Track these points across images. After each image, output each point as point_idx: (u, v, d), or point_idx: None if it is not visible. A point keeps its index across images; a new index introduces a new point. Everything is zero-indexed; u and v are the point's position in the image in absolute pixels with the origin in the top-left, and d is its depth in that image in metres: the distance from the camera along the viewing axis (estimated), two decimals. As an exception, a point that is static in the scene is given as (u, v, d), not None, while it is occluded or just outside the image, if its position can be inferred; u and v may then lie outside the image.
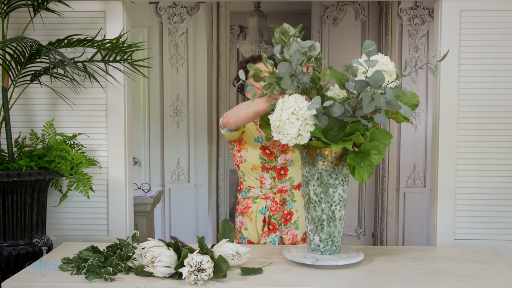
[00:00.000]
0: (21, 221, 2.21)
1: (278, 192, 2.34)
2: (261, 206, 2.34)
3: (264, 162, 2.30)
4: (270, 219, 2.31)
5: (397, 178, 4.56)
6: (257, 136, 2.33)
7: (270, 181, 2.33)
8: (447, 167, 2.42)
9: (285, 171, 2.32)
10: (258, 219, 2.33)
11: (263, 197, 2.34)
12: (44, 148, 2.34)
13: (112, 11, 2.47)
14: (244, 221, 2.37)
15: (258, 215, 2.33)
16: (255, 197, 2.36)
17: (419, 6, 4.41)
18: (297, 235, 2.35)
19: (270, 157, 2.29)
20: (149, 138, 4.60)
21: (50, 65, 2.10)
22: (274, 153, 2.31)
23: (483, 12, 2.40)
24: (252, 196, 2.36)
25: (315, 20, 4.97)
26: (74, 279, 1.76)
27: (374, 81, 1.64)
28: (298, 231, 2.35)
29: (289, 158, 2.31)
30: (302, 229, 2.37)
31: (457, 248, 2.26)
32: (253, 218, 2.34)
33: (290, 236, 2.33)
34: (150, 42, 4.48)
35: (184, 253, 1.72)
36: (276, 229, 2.32)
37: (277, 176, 2.32)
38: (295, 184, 2.37)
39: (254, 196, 2.36)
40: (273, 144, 2.32)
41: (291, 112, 1.69)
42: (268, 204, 2.33)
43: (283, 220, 2.33)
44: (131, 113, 2.59)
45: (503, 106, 2.40)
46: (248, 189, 2.38)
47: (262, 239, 2.32)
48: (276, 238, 2.32)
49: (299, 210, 2.36)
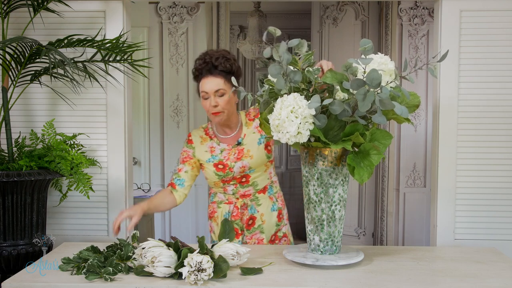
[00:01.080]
0: (21, 221, 2.21)
1: (241, 197, 2.31)
2: (225, 211, 2.33)
3: (220, 177, 2.28)
4: (233, 224, 2.28)
5: (397, 178, 4.56)
6: (207, 158, 2.30)
7: (232, 187, 2.31)
8: (447, 167, 2.42)
9: (246, 179, 2.29)
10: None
11: (226, 202, 2.33)
12: (44, 148, 2.34)
13: (112, 11, 2.47)
14: (213, 225, 2.39)
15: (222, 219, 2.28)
16: (219, 202, 2.35)
17: (419, 6, 4.41)
18: (263, 239, 2.32)
19: (225, 171, 2.26)
20: (149, 138, 4.59)
21: (50, 65, 2.10)
22: (228, 165, 2.26)
23: (483, 12, 2.40)
24: (217, 201, 2.36)
25: (315, 20, 4.97)
26: (74, 279, 1.76)
27: (370, 80, 1.63)
28: (264, 235, 2.32)
29: (246, 165, 2.26)
30: (268, 232, 2.34)
31: (457, 248, 2.26)
32: (218, 223, 2.34)
33: (254, 240, 2.31)
34: (150, 42, 4.48)
35: (184, 253, 1.72)
36: (239, 234, 2.30)
37: (239, 183, 2.30)
38: (259, 188, 2.33)
39: (219, 201, 2.36)
40: (227, 155, 2.28)
41: (290, 110, 1.69)
42: (231, 209, 2.32)
43: (246, 225, 2.31)
44: (131, 113, 2.59)
45: (503, 106, 2.40)
46: (215, 193, 2.38)
47: None
48: (239, 242, 2.29)
49: (265, 214, 2.33)
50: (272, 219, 2.35)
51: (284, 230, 2.42)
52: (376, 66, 1.71)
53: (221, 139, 2.33)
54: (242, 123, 2.34)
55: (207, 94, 2.18)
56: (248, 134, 2.32)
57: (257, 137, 2.31)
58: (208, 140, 2.33)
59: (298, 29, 6.88)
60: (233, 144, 2.31)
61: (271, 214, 2.35)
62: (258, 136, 2.31)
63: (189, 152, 2.34)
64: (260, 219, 2.32)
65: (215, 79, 2.18)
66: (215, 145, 2.31)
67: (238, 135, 2.32)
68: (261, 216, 2.32)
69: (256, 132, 2.31)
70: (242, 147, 2.29)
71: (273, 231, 2.36)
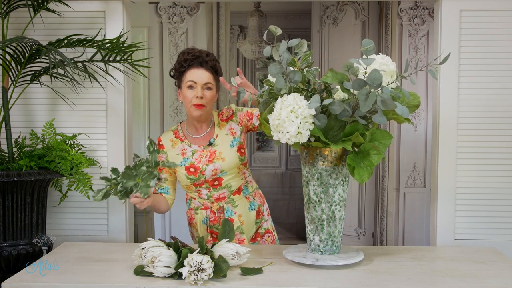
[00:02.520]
0: (21, 221, 2.21)
1: (216, 201, 2.27)
2: (202, 217, 2.29)
3: (192, 181, 2.24)
4: (212, 228, 2.27)
5: (397, 178, 4.56)
6: (180, 161, 2.26)
7: (206, 191, 2.27)
8: (447, 167, 2.42)
9: (219, 182, 2.25)
10: (202, 229, 2.29)
11: (202, 208, 2.30)
12: (44, 148, 2.34)
13: (112, 11, 2.47)
14: (193, 231, 2.36)
15: (201, 225, 2.29)
16: (196, 208, 2.31)
17: (419, 6, 4.41)
18: (244, 239, 2.29)
19: (196, 174, 2.23)
20: (149, 138, 4.59)
21: (50, 65, 2.10)
22: (200, 167, 2.23)
23: (483, 12, 2.40)
24: (194, 207, 2.32)
25: (315, 20, 4.96)
26: (74, 279, 1.76)
27: (371, 80, 1.63)
28: (244, 236, 2.29)
29: (218, 167, 2.23)
30: (248, 231, 2.31)
31: (457, 248, 2.26)
32: (198, 229, 2.31)
33: (235, 241, 2.28)
34: (150, 42, 4.48)
35: (184, 253, 1.72)
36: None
37: (211, 187, 2.26)
38: (234, 190, 2.29)
39: (195, 207, 2.32)
40: (199, 157, 2.24)
41: (290, 110, 1.69)
42: (208, 214, 2.28)
43: None
44: (131, 113, 2.59)
45: (503, 106, 2.40)
46: (190, 200, 2.34)
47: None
48: None
49: (243, 215, 2.29)
50: (250, 218, 2.31)
51: (266, 226, 2.38)
52: (377, 67, 1.71)
53: (192, 140, 2.28)
54: (214, 122, 2.30)
55: (195, 84, 2.16)
56: (221, 135, 2.27)
57: (230, 139, 2.27)
58: (179, 143, 2.28)
59: (298, 29, 6.89)
60: (205, 144, 2.26)
61: (249, 214, 2.31)
62: (231, 138, 2.27)
63: (162, 158, 2.28)
64: (238, 220, 2.28)
65: (206, 72, 2.18)
66: (187, 147, 2.26)
67: (210, 134, 2.28)
68: (239, 217, 2.28)
69: (229, 134, 2.27)
70: (214, 149, 2.25)
71: (253, 230, 2.34)
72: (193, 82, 2.16)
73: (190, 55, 2.18)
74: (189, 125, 2.29)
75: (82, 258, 2.02)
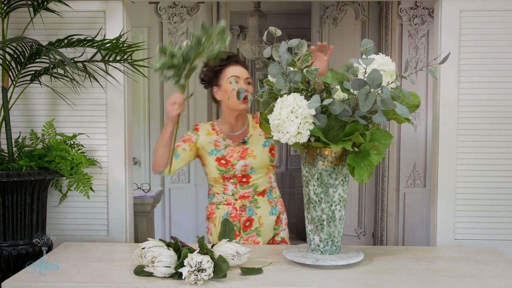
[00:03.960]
0: (21, 221, 2.21)
1: (240, 198, 2.31)
2: (223, 212, 2.32)
3: (222, 173, 2.29)
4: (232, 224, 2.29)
5: (397, 178, 4.55)
6: (211, 149, 2.32)
7: (232, 187, 2.31)
8: (447, 167, 2.42)
9: (247, 179, 2.30)
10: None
11: (225, 203, 2.33)
12: (44, 148, 2.34)
13: (112, 11, 2.47)
14: (210, 226, 2.38)
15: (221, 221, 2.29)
16: (218, 203, 2.35)
17: (419, 6, 4.41)
18: (260, 242, 2.31)
19: (227, 167, 2.28)
20: (149, 138, 4.59)
21: (50, 65, 2.10)
22: (231, 161, 2.28)
23: (483, 12, 2.40)
24: (216, 202, 2.36)
25: (315, 20, 4.96)
26: (74, 279, 1.76)
27: (371, 80, 1.63)
28: (260, 238, 2.32)
29: (248, 164, 2.28)
30: (265, 236, 2.34)
31: (457, 248, 2.26)
32: (216, 224, 2.33)
33: (250, 242, 2.30)
34: (150, 42, 4.48)
35: (184, 253, 1.72)
36: (236, 235, 2.29)
37: (239, 183, 2.30)
38: (259, 191, 2.33)
39: (218, 202, 2.35)
40: (231, 152, 2.30)
41: (290, 110, 1.70)
42: (229, 210, 2.31)
43: (242, 227, 2.31)
44: (131, 113, 2.59)
45: (503, 106, 2.40)
46: (214, 195, 2.38)
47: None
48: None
49: (263, 217, 2.32)
50: (269, 222, 2.35)
51: (283, 235, 2.41)
52: (377, 67, 1.71)
53: (227, 136, 2.36)
54: (249, 123, 2.40)
55: (238, 79, 2.27)
56: (254, 135, 2.37)
57: (263, 139, 2.36)
58: (214, 135, 2.36)
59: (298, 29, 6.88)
60: (239, 141, 2.35)
61: (269, 217, 2.34)
62: (263, 139, 2.36)
63: (192, 137, 2.36)
64: (258, 221, 2.31)
65: (243, 68, 2.33)
66: (221, 140, 2.34)
67: (244, 134, 2.37)
68: (259, 219, 2.31)
69: (262, 135, 2.36)
70: (246, 147, 2.33)
71: (270, 235, 2.36)
72: (236, 76, 2.27)
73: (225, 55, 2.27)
74: (225, 123, 2.37)
75: (82, 258, 2.02)
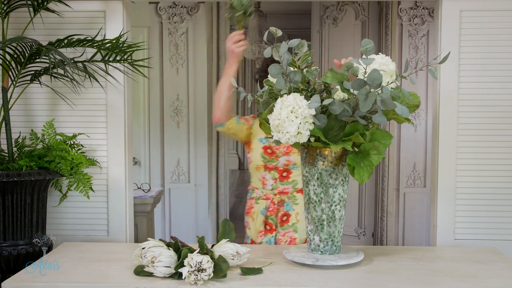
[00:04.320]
0: (21, 221, 2.21)
1: (279, 194, 2.37)
2: (262, 207, 2.37)
3: (265, 161, 2.36)
4: (268, 219, 2.34)
5: (397, 178, 4.56)
6: (260, 137, 2.38)
7: (271, 182, 2.37)
8: (447, 167, 2.42)
9: (288, 173, 2.35)
10: (258, 219, 2.37)
11: (264, 198, 2.39)
12: (44, 148, 2.34)
13: (112, 11, 2.47)
14: (248, 221, 2.44)
15: (259, 215, 2.37)
16: (257, 198, 2.41)
17: (419, 6, 4.41)
18: (296, 239, 2.34)
19: (271, 156, 2.34)
20: (149, 138, 4.59)
21: (50, 65, 2.10)
22: (276, 153, 2.35)
23: (483, 12, 2.40)
24: (255, 197, 2.42)
25: (315, 20, 4.96)
26: (74, 279, 1.76)
27: (371, 80, 1.63)
28: (296, 235, 2.35)
29: (292, 160, 2.34)
30: (302, 233, 2.35)
31: (457, 248, 2.26)
32: (254, 218, 2.39)
33: (287, 238, 2.33)
34: (150, 42, 4.48)
35: (184, 253, 1.72)
36: (273, 229, 2.34)
37: (279, 177, 2.35)
38: (298, 188, 2.38)
39: (257, 197, 2.42)
40: (279, 146, 2.37)
41: (290, 110, 1.70)
42: (267, 204, 2.37)
43: (280, 221, 2.34)
44: (131, 113, 2.59)
45: (503, 106, 2.40)
46: (253, 190, 2.45)
47: (258, 238, 2.37)
48: (272, 238, 2.34)
49: (300, 213, 2.36)
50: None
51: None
52: (377, 67, 1.71)
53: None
54: None
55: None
56: None
57: None
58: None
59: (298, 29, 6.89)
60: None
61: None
62: None
63: (249, 120, 2.43)
64: (295, 217, 2.35)
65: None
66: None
67: None
68: (296, 215, 2.35)
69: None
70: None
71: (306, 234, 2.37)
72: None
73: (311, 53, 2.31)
74: None
75: (82, 258, 2.02)
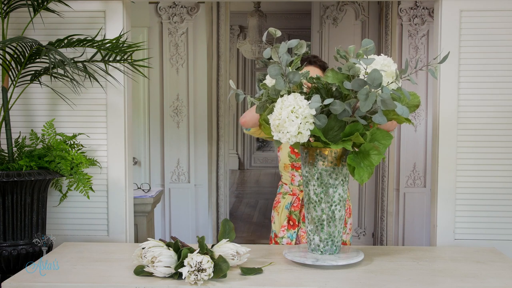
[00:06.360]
0: (21, 221, 2.21)
1: None
2: (287, 202, 2.44)
3: (292, 161, 2.43)
4: (291, 214, 2.40)
5: (397, 178, 4.56)
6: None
7: (299, 178, 2.44)
8: (447, 167, 2.42)
9: None
10: (283, 214, 2.43)
11: (291, 193, 2.46)
12: (44, 148, 2.34)
13: (112, 11, 2.47)
14: (274, 215, 2.50)
15: (284, 210, 2.44)
16: (284, 193, 2.48)
17: (419, 6, 4.41)
18: None
19: (298, 156, 2.40)
20: (149, 138, 4.59)
21: (50, 65, 2.10)
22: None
23: (483, 12, 2.40)
24: (283, 192, 2.50)
25: (315, 20, 4.97)
26: (74, 279, 1.76)
27: (372, 80, 1.64)
28: None
29: None
30: None
31: (457, 248, 2.26)
32: (279, 212, 2.45)
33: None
34: (150, 42, 4.48)
35: (184, 253, 1.72)
36: (295, 225, 2.39)
37: None
38: None
39: (284, 192, 2.49)
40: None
41: (291, 110, 1.70)
42: (293, 200, 2.43)
43: (302, 218, 2.37)
44: (131, 113, 2.59)
45: (503, 106, 2.40)
46: (282, 185, 2.52)
47: (280, 233, 2.42)
48: (294, 234, 2.39)
49: None
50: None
51: (345, 238, 2.47)
52: (379, 68, 1.71)
53: None
54: None
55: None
56: None
57: None
58: None
59: (298, 29, 6.89)
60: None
61: None
62: None
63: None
64: None
65: (317, 69, 2.40)
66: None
67: None
68: None
69: None
70: None
71: None
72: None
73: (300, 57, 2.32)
74: None
75: (82, 258, 2.02)
